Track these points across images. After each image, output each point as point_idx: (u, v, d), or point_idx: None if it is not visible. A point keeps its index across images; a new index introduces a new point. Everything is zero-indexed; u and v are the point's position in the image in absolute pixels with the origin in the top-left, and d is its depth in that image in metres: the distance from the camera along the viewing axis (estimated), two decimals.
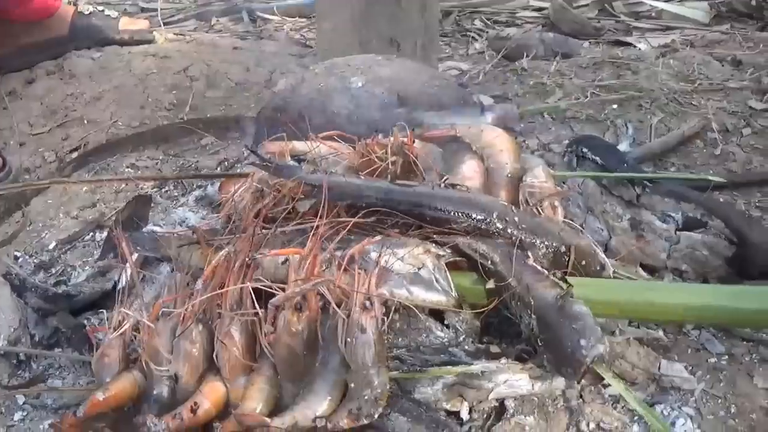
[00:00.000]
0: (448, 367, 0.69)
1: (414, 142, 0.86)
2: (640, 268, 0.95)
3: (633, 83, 1.43)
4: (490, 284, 0.74)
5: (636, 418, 0.75)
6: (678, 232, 0.94)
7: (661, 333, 0.85)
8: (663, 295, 0.79)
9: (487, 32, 1.94)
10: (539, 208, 0.84)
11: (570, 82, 1.47)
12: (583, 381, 0.74)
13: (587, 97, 1.39)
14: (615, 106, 1.36)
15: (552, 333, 0.68)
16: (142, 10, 2.25)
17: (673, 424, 0.75)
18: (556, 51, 1.66)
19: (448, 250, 0.76)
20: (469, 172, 0.85)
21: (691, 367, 0.81)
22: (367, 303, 0.67)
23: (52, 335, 0.94)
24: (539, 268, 0.73)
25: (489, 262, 0.75)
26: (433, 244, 0.76)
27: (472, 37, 1.91)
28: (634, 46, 1.77)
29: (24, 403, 0.86)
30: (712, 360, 0.83)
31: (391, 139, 0.84)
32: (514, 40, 1.71)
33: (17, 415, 0.85)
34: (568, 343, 0.66)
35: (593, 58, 1.61)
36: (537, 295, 0.70)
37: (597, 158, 0.97)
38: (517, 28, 2.00)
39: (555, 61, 1.60)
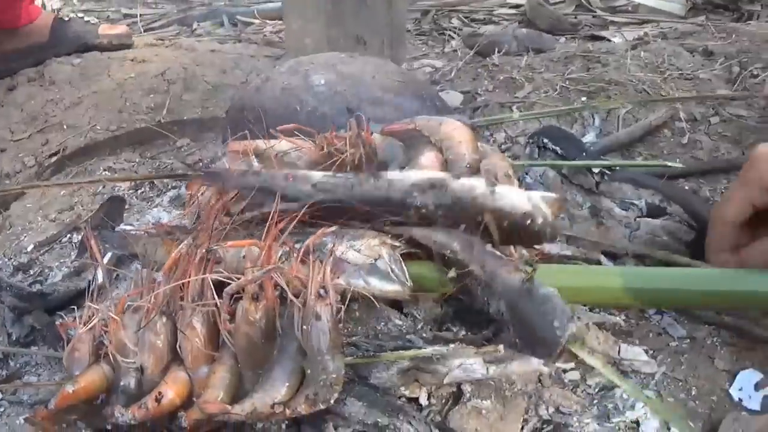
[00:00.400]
0: (401, 351, 0.70)
1: (372, 134, 0.87)
2: (602, 256, 0.96)
3: (601, 75, 1.44)
4: (452, 273, 0.74)
5: (595, 401, 0.75)
6: (638, 219, 0.95)
7: (620, 318, 0.86)
8: (618, 280, 0.78)
9: (462, 30, 1.95)
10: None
11: (540, 76, 1.47)
12: (559, 360, 0.75)
13: (556, 90, 1.39)
14: (584, 99, 1.37)
15: (523, 317, 0.68)
16: (125, 16, 2.28)
17: (633, 406, 0.75)
18: (528, 46, 1.67)
19: (404, 241, 0.77)
20: (428, 163, 0.86)
21: (652, 351, 0.82)
22: (322, 291, 0.69)
23: (29, 333, 0.96)
24: (498, 253, 0.73)
25: (448, 251, 0.74)
26: (389, 236, 0.77)
27: (449, 36, 1.92)
28: (609, 40, 1.79)
29: (1, 400, 0.87)
30: (674, 344, 0.83)
31: (349, 131, 0.85)
32: (486, 36, 1.72)
33: None
34: (540, 325, 0.66)
35: (565, 53, 1.61)
36: (502, 281, 0.70)
37: (557, 148, 0.98)
38: (494, 25, 2.01)
39: (526, 56, 1.61)
